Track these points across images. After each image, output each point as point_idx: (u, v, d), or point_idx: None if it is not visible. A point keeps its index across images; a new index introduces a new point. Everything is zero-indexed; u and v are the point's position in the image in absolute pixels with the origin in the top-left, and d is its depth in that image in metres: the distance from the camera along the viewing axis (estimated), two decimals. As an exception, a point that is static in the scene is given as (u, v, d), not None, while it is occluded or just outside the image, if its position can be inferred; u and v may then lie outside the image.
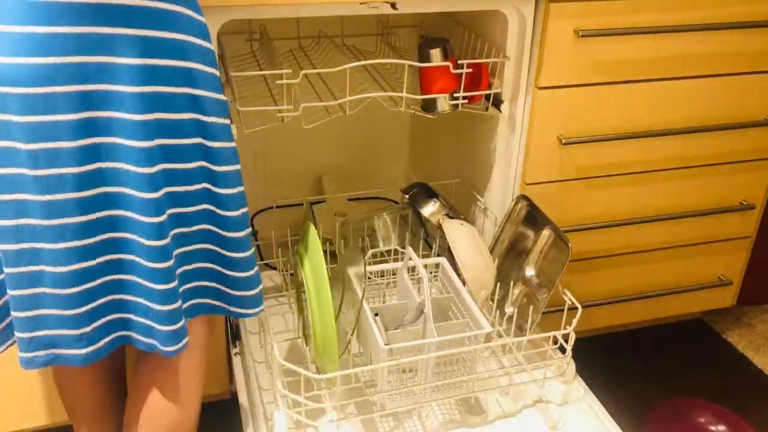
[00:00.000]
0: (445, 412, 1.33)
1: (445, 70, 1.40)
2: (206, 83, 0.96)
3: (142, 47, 0.88)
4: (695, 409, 1.59)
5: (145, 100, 0.90)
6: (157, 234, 0.94)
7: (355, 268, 1.33)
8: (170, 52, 0.90)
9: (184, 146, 0.96)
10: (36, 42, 0.84)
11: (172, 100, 0.92)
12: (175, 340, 1.00)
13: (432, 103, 1.44)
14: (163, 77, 0.90)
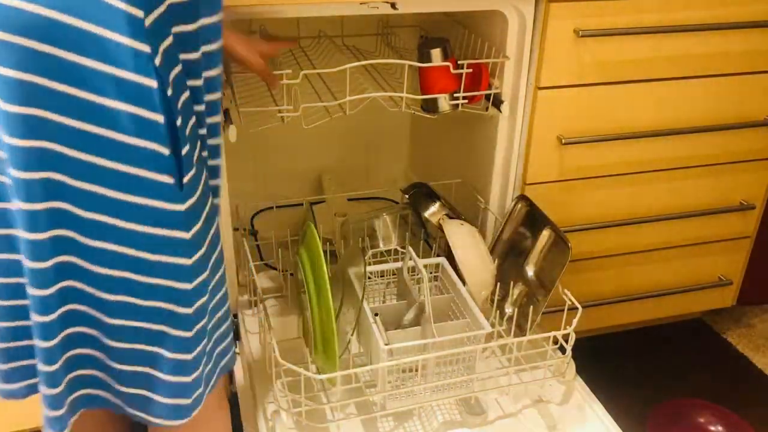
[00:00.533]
0: (445, 412, 1.33)
1: (446, 70, 1.40)
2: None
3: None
4: (695, 409, 1.59)
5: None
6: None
7: (355, 268, 1.33)
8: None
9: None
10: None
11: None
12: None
13: (432, 103, 1.44)
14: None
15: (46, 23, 0.74)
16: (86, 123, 0.79)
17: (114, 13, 0.74)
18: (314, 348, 1.27)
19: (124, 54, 0.76)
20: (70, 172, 0.81)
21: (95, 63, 0.76)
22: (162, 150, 0.80)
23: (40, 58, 0.75)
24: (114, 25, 0.75)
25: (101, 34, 0.75)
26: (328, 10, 1.25)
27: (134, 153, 0.80)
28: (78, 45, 0.75)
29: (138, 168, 0.81)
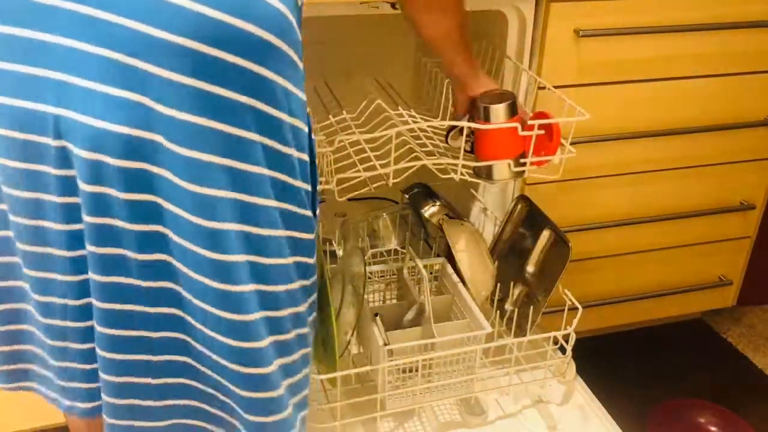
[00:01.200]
0: (445, 413, 1.33)
1: (511, 131, 1.18)
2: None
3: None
4: (695, 409, 1.59)
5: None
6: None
7: (355, 268, 1.33)
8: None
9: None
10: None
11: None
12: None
13: (488, 168, 1.23)
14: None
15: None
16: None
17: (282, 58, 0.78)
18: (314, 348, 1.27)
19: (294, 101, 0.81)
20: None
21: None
22: (307, 186, 0.87)
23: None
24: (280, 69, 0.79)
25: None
26: (328, 10, 1.25)
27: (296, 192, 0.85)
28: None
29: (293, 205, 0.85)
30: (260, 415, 0.89)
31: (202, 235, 0.79)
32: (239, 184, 0.78)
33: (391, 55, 1.78)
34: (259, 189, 0.80)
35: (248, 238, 0.81)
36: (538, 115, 1.21)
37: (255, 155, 0.78)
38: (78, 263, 0.83)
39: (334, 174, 1.18)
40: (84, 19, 0.72)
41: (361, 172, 1.19)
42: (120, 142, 0.74)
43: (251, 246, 0.81)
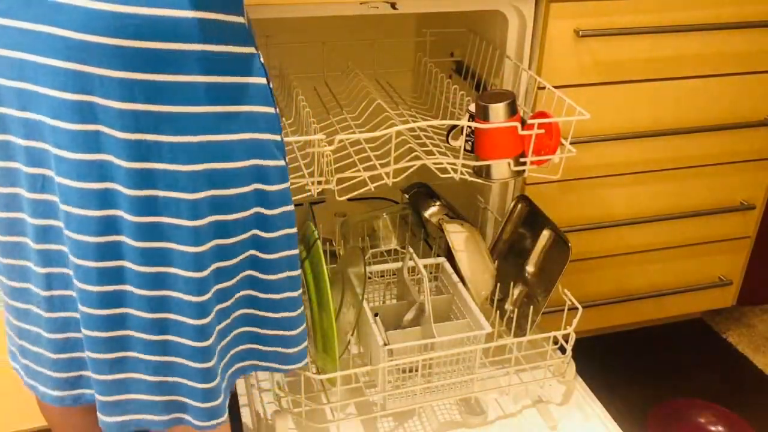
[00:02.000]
0: (445, 413, 1.33)
1: (510, 130, 1.19)
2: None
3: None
4: (695, 409, 1.59)
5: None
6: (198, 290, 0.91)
7: (355, 268, 1.33)
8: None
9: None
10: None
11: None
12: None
13: (487, 167, 1.23)
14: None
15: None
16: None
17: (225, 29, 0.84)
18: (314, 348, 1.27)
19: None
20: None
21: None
22: (277, 137, 0.92)
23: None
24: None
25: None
26: (328, 10, 1.25)
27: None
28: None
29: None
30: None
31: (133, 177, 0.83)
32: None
33: (391, 55, 1.78)
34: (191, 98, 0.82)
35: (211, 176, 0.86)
36: (538, 115, 1.21)
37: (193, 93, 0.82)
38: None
39: (334, 174, 1.17)
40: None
41: (361, 172, 1.19)
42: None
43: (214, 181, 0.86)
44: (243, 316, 0.99)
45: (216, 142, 0.84)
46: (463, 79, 1.57)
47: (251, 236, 0.93)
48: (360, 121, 1.42)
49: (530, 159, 1.21)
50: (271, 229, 0.94)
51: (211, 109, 0.83)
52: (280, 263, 0.97)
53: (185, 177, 0.83)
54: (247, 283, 0.97)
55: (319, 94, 1.60)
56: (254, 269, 0.96)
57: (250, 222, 0.92)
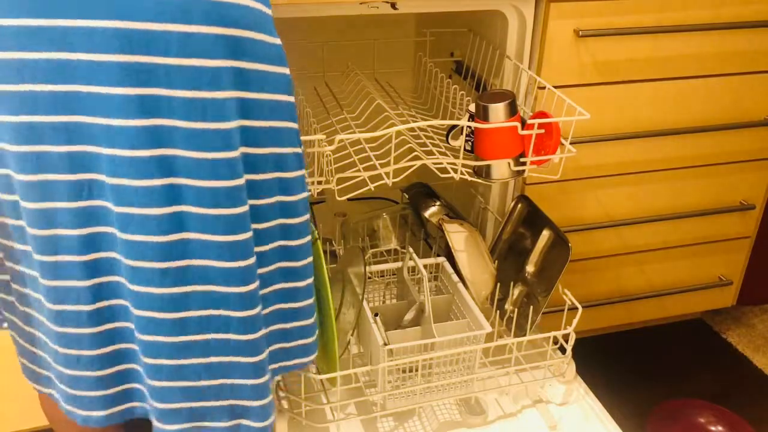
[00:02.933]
0: (445, 413, 1.33)
1: (510, 130, 1.19)
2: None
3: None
4: (695, 409, 1.59)
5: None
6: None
7: (355, 268, 1.33)
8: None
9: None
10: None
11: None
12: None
13: (488, 167, 1.23)
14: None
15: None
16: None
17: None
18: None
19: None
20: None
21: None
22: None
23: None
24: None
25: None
26: (328, 10, 1.25)
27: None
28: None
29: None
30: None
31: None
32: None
33: (391, 55, 1.78)
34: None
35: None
36: (538, 115, 1.21)
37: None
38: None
39: (334, 174, 1.17)
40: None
41: (361, 172, 1.19)
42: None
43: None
44: (275, 312, 1.00)
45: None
46: (463, 79, 1.57)
47: (279, 223, 0.95)
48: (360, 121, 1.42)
49: (530, 159, 1.21)
50: (294, 215, 0.95)
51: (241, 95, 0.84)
52: (304, 249, 0.98)
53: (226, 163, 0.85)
54: (278, 274, 0.98)
55: (319, 94, 1.60)
56: (284, 258, 0.97)
57: (275, 210, 0.93)
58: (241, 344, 0.92)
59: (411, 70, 1.80)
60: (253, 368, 0.94)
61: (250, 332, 0.92)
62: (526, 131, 1.19)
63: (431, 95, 1.57)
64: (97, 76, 0.78)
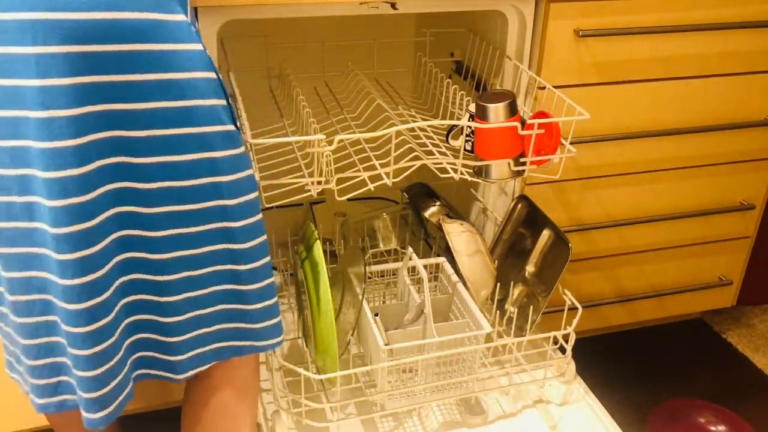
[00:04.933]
0: (445, 413, 1.33)
1: (510, 130, 1.18)
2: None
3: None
4: (695, 409, 1.59)
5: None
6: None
7: (355, 268, 1.33)
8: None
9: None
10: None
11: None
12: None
13: (488, 167, 1.23)
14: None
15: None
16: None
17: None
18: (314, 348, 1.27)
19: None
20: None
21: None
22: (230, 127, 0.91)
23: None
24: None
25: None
26: (328, 10, 1.25)
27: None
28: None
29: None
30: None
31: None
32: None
33: (391, 55, 1.78)
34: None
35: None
36: (538, 115, 1.21)
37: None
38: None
39: (334, 174, 1.17)
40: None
41: (361, 172, 1.19)
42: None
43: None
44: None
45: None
46: (463, 79, 1.57)
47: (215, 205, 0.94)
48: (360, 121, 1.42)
49: (530, 159, 1.21)
50: (233, 196, 0.94)
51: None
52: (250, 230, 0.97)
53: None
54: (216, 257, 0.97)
55: (319, 94, 1.60)
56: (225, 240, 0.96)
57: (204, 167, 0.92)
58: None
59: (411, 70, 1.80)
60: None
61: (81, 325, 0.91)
62: (526, 131, 1.19)
63: (431, 95, 1.57)
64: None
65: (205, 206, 0.91)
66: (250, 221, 0.95)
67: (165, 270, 0.92)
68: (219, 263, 0.96)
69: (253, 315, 1.00)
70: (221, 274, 0.96)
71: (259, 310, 1.00)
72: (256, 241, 0.97)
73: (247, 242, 0.96)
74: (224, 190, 0.92)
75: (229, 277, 0.97)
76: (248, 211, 0.95)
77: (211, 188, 0.91)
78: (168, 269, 0.93)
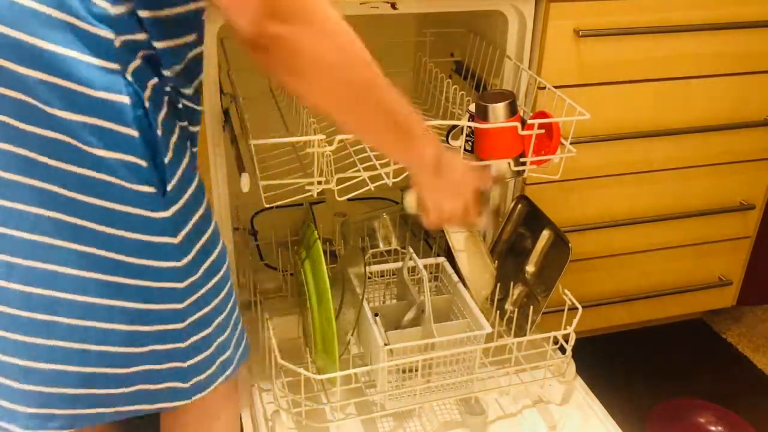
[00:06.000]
0: (445, 412, 1.33)
1: (510, 130, 1.18)
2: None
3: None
4: (695, 409, 1.59)
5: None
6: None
7: (355, 268, 1.33)
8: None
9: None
10: None
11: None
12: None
13: (488, 167, 1.21)
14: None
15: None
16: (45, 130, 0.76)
17: (78, 33, 0.73)
18: (314, 348, 1.27)
19: (87, 71, 0.74)
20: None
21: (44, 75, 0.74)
22: (140, 161, 0.79)
23: None
24: (75, 45, 0.73)
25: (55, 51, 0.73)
26: (328, 10, 1.24)
27: (109, 164, 0.78)
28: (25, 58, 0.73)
29: (114, 177, 0.79)
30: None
31: None
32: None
33: (391, 55, 1.78)
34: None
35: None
36: (538, 115, 1.21)
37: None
38: None
39: (334, 174, 1.17)
40: None
41: (361, 172, 1.19)
42: None
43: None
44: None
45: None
46: (463, 79, 1.57)
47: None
48: (360, 121, 1.41)
49: (530, 159, 1.21)
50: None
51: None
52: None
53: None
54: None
55: (319, 94, 1.60)
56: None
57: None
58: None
59: (411, 70, 1.80)
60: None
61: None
62: (526, 131, 1.19)
63: (431, 95, 1.57)
64: None
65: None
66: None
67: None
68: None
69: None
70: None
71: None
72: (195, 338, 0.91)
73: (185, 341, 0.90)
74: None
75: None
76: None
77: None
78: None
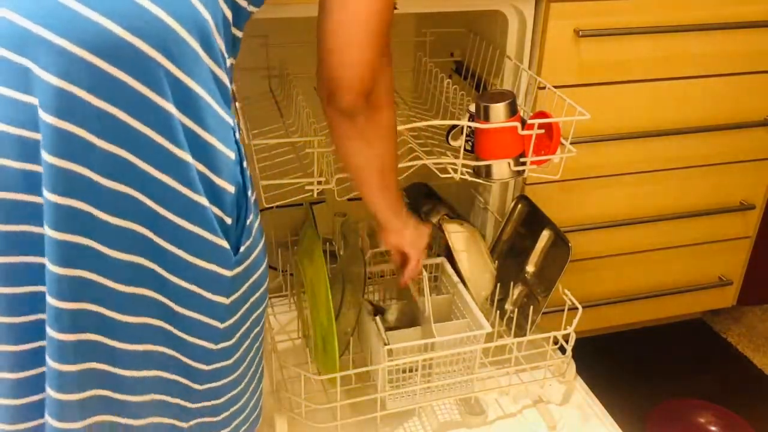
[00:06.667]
0: (445, 412, 1.33)
1: (510, 130, 1.19)
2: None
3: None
4: (695, 409, 1.59)
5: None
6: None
7: (355, 268, 1.33)
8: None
9: None
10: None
11: None
12: None
13: (487, 167, 1.23)
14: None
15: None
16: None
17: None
18: (314, 348, 1.27)
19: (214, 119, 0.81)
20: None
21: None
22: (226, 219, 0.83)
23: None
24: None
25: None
26: (328, 10, 1.24)
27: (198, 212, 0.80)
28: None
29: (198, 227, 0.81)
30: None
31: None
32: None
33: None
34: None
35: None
36: (538, 115, 1.21)
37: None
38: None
39: (334, 174, 1.18)
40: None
41: None
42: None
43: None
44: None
45: None
46: (463, 79, 1.57)
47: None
48: (360, 121, 1.41)
49: (530, 159, 1.22)
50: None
51: None
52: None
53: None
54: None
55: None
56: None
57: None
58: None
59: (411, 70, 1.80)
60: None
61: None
62: (526, 131, 1.19)
63: (431, 95, 1.57)
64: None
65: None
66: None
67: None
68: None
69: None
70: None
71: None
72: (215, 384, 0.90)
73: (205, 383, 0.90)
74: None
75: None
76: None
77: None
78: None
